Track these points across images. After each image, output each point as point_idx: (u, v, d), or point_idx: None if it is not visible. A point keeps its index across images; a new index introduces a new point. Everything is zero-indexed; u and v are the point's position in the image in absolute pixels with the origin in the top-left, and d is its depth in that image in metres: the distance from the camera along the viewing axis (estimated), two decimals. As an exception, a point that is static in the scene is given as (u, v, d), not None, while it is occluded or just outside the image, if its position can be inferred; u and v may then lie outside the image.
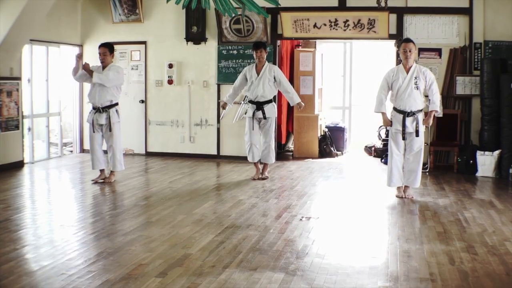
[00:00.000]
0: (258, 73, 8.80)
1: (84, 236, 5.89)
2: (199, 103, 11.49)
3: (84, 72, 8.47)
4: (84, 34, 12.18)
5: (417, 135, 7.45)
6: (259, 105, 8.80)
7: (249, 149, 8.95)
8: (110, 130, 8.62)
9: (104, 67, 8.54)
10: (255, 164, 9.12)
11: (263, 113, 8.77)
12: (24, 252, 5.30)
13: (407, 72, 7.53)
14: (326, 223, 6.52)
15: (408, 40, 7.70)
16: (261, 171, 9.17)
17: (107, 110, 8.58)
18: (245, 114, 9.34)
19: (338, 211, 7.15)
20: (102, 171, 8.86)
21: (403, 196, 7.59)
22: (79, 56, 8.79)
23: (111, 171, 8.88)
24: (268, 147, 9.00)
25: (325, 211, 7.13)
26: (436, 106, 7.52)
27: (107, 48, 8.61)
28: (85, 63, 8.48)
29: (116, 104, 8.79)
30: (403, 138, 7.49)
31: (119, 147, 8.85)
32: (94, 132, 8.63)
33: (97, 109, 8.59)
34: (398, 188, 7.73)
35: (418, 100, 7.50)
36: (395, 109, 7.67)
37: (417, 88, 7.45)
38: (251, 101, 8.92)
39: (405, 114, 7.46)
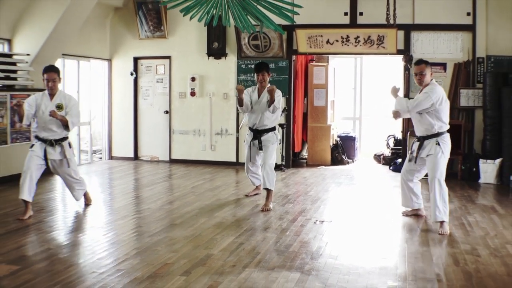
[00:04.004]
0: (259, 96, 7.62)
1: (113, 237, 5.95)
2: (220, 114, 11.56)
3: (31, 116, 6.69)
4: (113, 49, 12.27)
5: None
6: (257, 134, 7.65)
7: (248, 176, 8.22)
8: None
9: (52, 95, 6.78)
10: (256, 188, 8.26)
11: (259, 143, 7.59)
12: (57, 252, 5.36)
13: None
14: (338, 226, 6.54)
15: (418, 62, 6.52)
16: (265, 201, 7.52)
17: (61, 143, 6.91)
18: (244, 142, 8.14)
19: (350, 215, 7.16)
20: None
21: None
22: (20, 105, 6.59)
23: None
24: (266, 172, 7.43)
25: (338, 215, 7.14)
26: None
27: (56, 74, 6.83)
28: (52, 111, 6.56)
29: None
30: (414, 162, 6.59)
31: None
32: None
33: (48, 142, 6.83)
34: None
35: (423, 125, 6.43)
36: None
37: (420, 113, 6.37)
38: (250, 128, 7.80)
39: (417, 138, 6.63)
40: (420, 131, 6.49)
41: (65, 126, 6.74)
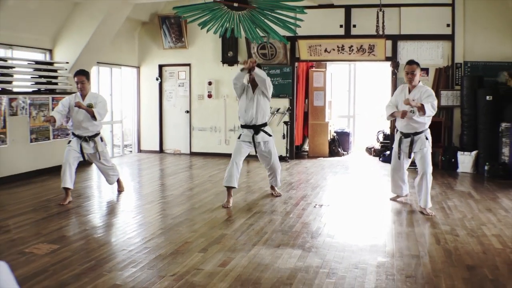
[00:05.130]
0: (253, 92, 6.75)
1: (141, 219, 5.96)
2: (233, 113, 11.48)
3: (65, 114, 6.63)
4: (140, 58, 12.27)
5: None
6: (257, 129, 6.76)
7: (230, 169, 6.67)
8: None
9: (83, 96, 6.72)
10: (230, 189, 6.70)
11: (266, 133, 6.81)
12: (93, 233, 5.37)
13: (409, 92, 6.20)
14: (335, 209, 6.50)
15: (410, 63, 6.17)
16: (272, 191, 7.33)
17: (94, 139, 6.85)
18: (238, 138, 6.86)
19: (345, 200, 7.13)
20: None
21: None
22: (51, 121, 6.55)
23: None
24: (274, 170, 7.07)
25: (334, 200, 7.11)
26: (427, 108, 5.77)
27: (85, 76, 6.71)
28: (77, 102, 6.56)
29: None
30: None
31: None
32: None
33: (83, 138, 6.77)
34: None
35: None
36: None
37: (412, 112, 5.97)
38: (246, 126, 6.81)
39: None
40: (412, 128, 6.17)
41: (93, 116, 6.61)
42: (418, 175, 6.27)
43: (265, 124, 6.88)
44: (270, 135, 6.91)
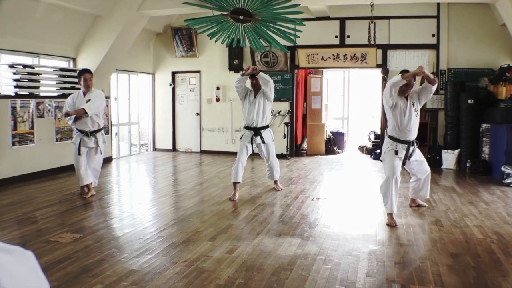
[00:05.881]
0: (255, 96, 6.73)
1: (156, 210, 5.96)
2: (238, 115, 11.45)
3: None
4: (155, 65, 12.26)
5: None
6: (257, 131, 6.71)
7: (236, 166, 6.67)
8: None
9: (85, 93, 6.45)
10: (236, 184, 6.68)
11: (261, 137, 6.71)
12: (112, 223, 5.38)
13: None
14: (331, 202, 6.48)
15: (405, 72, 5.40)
16: (274, 185, 7.30)
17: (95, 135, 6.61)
18: (240, 139, 6.91)
19: (340, 193, 7.10)
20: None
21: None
22: (70, 114, 6.32)
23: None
24: (271, 167, 7.04)
25: (330, 193, 7.09)
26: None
27: (91, 74, 6.49)
28: (67, 111, 6.35)
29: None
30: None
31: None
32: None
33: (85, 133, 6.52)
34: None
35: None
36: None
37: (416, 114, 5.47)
38: (248, 127, 6.77)
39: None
40: (413, 134, 5.48)
41: (84, 112, 6.28)
42: (421, 176, 5.78)
43: (266, 127, 6.82)
44: (269, 138, 6.84)
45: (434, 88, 5.33)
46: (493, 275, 3.73)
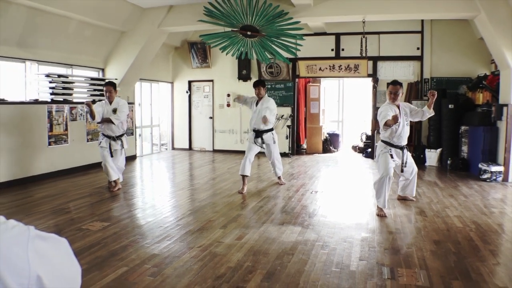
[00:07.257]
0: (257, 105, 6.79)
1: (175, 202, 5.96)
2: (246, 119, 11.42)
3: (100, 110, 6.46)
4: (174, 75, 12.26)
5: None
6: (259, 133, 6.74)
7: (244, 162, 6.61)
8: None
9: (110, 102, 6.53)
10: (244, 178, 6.63)
11: (262, 140, 6.71)
12: (136, 213, 5.38)
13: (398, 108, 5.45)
14: (327, 195, 6.47)
15: (395, 83, 5.44)
16: (278, 180, 7.23)
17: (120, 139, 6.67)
18: (247, 139, 7.02)
19: (335, 187, 7.08)
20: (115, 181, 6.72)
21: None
22: (89, 104, 6.11)
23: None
24: (273, 165, 7.05)
25: (327, 187, 7.07)
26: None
27: (112, 86, 6.50)
28: (88, 101, 6.17)
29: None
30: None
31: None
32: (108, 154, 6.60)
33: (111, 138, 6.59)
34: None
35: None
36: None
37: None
38: (253, 130, 6.81)
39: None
40: (404, 140, 5.47)
41: (111, 122, 6.45)
42: (409, 176, 5.72)
43: (268, 130, 6.76)
44: (270, 140, 6.79)
45: (428, 117, 5.57)
46: (472, 260, 3.70)
